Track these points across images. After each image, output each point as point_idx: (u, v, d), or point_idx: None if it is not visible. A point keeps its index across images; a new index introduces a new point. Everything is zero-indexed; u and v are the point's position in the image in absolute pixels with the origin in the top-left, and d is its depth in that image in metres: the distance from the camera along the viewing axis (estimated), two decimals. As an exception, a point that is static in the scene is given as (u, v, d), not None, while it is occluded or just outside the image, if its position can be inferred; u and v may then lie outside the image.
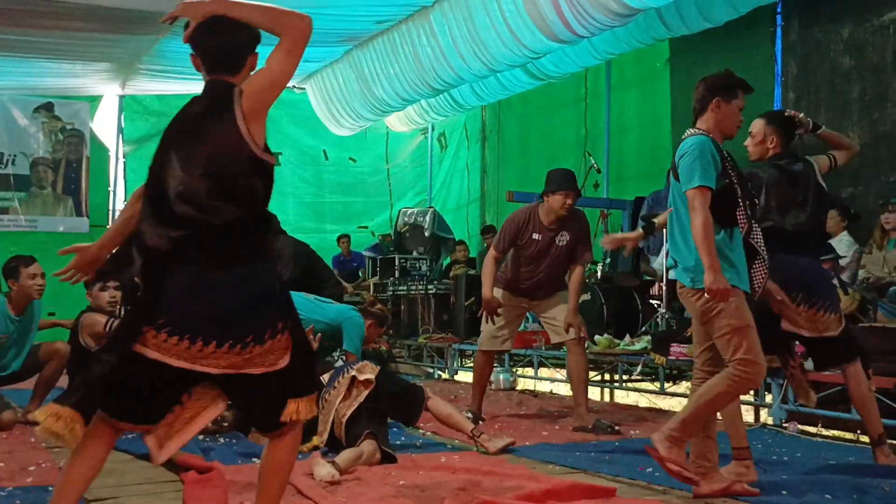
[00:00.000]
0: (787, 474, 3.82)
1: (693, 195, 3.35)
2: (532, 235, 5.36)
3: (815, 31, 7.64)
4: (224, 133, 2.35)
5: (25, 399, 5.59)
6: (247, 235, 2.37)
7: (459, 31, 7.99)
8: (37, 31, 8.23)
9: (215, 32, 2.45)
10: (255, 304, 2.35)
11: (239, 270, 2.35)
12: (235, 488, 3.43)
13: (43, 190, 10.95)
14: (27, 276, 5.23)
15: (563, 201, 5.27)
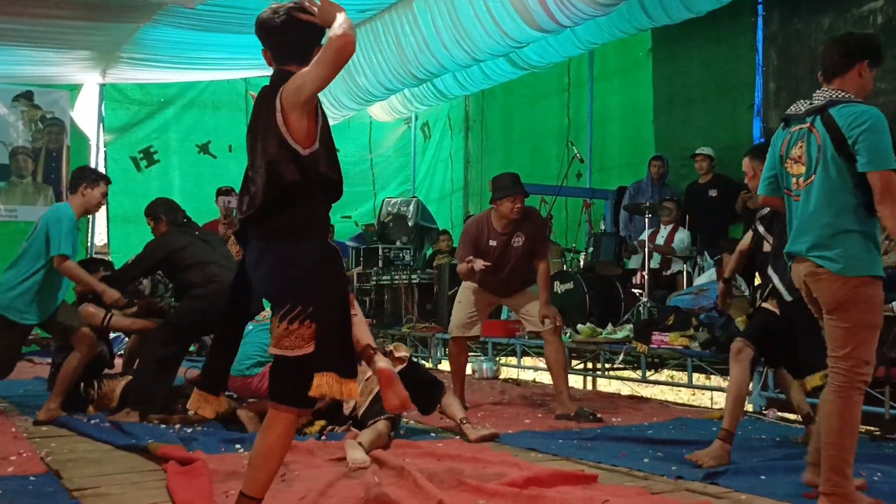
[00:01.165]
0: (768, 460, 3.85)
1: (890, 178, 2.91)
2: (488, 243, 5.41)
3: (796, 21, 7.68)
4: (269, 118, 2.61)
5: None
6: (279, 217, 2.62)
7: (443, 20, 7.97)
8: (16, 19, 8.12)
9: (292, 30, 2.67)
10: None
11: (279, 248, 2.62)
12: (219, 476, 3.42)
13: (23, 179, 10.84)
14: (101, 192, 5.13)
15: (511, 206, 5.30)
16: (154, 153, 11.30)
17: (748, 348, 4.05)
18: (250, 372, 4.56)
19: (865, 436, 4.62)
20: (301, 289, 2.59)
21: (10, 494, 3.20)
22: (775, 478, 3.49)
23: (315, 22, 2.61)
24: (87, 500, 3.13)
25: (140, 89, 11.32)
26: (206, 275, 5.13)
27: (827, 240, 2.99)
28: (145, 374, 5.05)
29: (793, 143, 3.19)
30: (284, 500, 3.09)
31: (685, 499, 3.19)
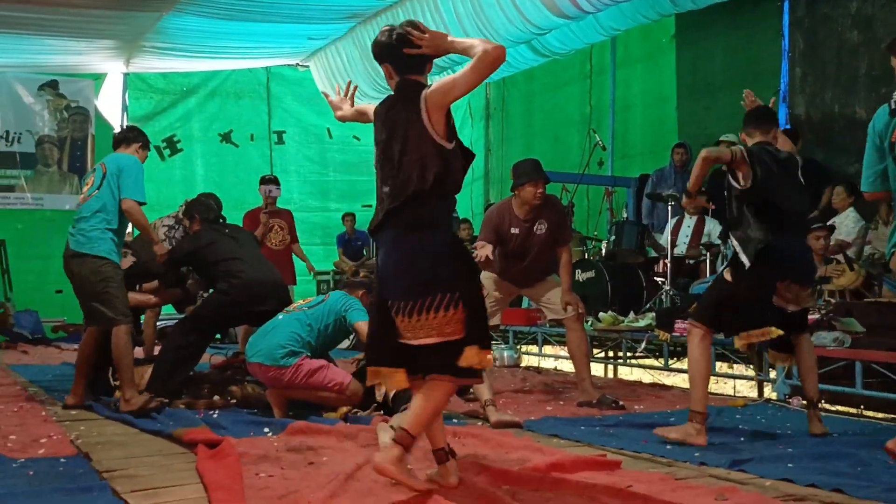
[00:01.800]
0: (793, 447, 3.83)
1: None
2: (510, 230, 5.33)
3: (823, 5, 7.59)
4: (410, 120, 2.94)
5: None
6: (421, 209, 2.91)
7: (464, 6, 7.95)
8: (41, 9, 8.19)
9: (408, 45, 3.00)
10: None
11: (413, 240, 2.91)
12: (250, 459, 3.45)
13: (48, 168, 10.95)
14: (144, 158, 5.23)
15: (533, 191, 5.23)
16: (177, 142, 11.38)
17: (696, 328, 4.10)
18: (285, 362, 4.57)
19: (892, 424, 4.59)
20: (443, 277, 2.85)
21: (41, 476, 3.25)
22: (801, 464, 3.47)
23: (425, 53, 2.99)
24: (116, 481, 3.17)
25: (163, 78, 11.39)
26: (229, 270, 5.23)
27: None
28: (164, 362, 5.12)
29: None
30: (314, 482, 3.12)
31: (709, 485, 3.18)
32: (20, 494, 2.93)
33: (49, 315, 10.22)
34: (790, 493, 3.06)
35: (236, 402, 5.02)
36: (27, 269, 10.42)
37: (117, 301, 4.77)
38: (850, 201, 6.74)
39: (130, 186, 4.86)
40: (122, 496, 2.96)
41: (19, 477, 3.22)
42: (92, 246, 4.78)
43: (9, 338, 9.68)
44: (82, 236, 4.82)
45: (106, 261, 4.80)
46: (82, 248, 4.81)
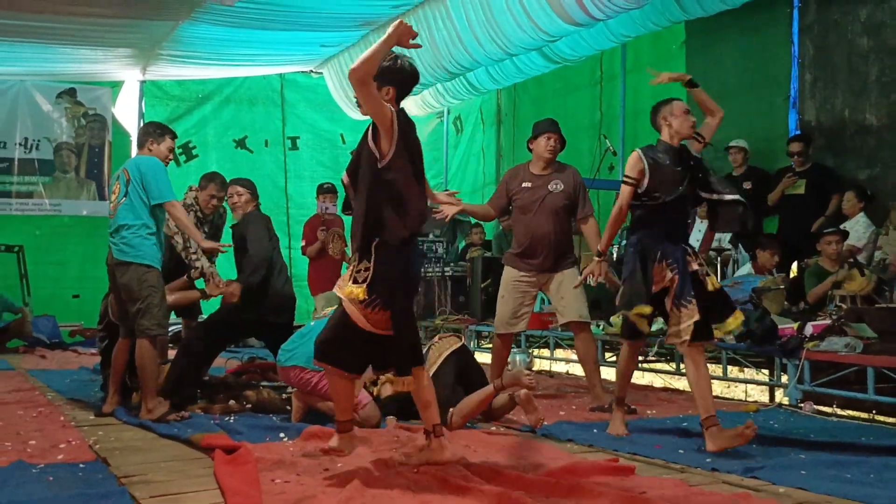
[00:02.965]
0: (805, 454, 3.81)
1: None
2: (522, 184, 5.37)
3: (833, 11, 7.55)
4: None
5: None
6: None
7: (475, 14, 7.94)
8: (58, 18, 8.24)
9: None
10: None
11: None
12: (267, 465, 3.46)
13: (66, 174, 11.00)
14: (167, 147, 5.07)
15: (545, 143, 5.32)
16: (193, 148, 11.42)
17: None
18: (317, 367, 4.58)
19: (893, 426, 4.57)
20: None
21: (60, 481, 3.26)
22: (815, 471, 3.44)
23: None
24: (135, 486, 3.18)
25: (179, 86, 11.44)
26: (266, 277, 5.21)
27: None
28: (177, 367, 5.10)
29: None
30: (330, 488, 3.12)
31: (723, 491, 3.17)
32: (40, 500, 2.94)
33: (66, 320, 10.25)
34: (804, 501, 3.04)
35: (252, 406, 5.02)
36: (45, 274, 10.46)
37: (157, 311, 4.74)
38: (860, 207, 6.70)
39: (158, 190, 4.81)
40: (139, 502, 2.96)
41: (39, 482, 3.23)
42: (136, 254, 4.75)
43: (27, 343, 9.72)
44: (125, 245, 4.78)
45: (151, 269, 4.77)
46: (126, 256, 4.77)
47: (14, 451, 3.79)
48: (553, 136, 5.32)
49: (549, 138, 5.31)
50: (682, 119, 4.26)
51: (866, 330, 5.20)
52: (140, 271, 4.74)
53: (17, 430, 4.33)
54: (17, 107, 10.73)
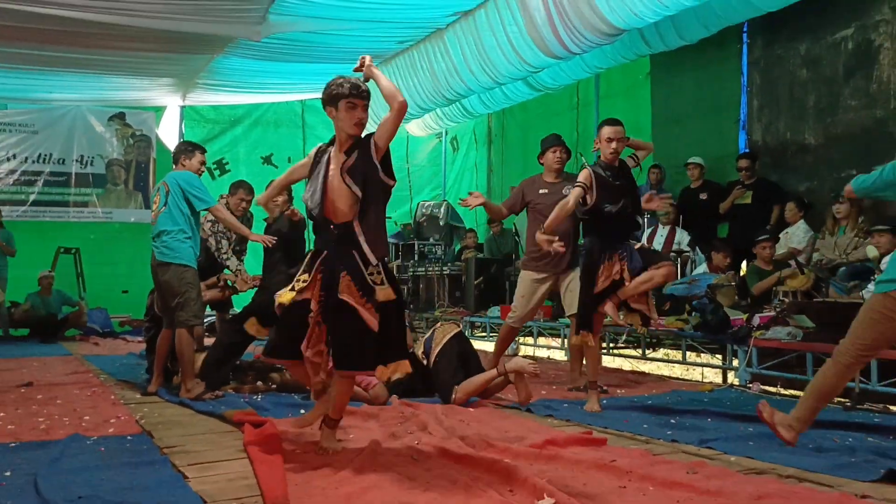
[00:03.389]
0: (753, 427, 3.80)
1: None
2: (539, 191, 5.30)
3: (777, 47, 7.56)
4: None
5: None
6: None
7: (469, 49, 7.95)
8: (112, 52, 8.23)
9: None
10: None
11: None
12: (289, 436, 3.46)
13: (117, 187, 11.01)
14: (198, 160, 5.03)
15: (553, 156, 5.29)
16: (226, 164, 11.41)
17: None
18: None
19: (838, 406, 4.56)
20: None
21: (111, 451, 3.25)
22: (761, 443, 3.44)
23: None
24: (175, 456, 3.18)
25: (214, 110, 11.43)
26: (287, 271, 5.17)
27: None
28: (215, 354, 5.09)
29: None
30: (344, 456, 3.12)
31: (682, 460, 3.16)
32: (94, 468, 2.93)
33: (117, 312, 10.25)
34: (752, 468, 3.04)
35: (276, 387, 5.01)
36: (98, 273, 10.46)
37: (194, 305, 4.72)
38: (800, 215, 6.70)
39: (202, 199, 4.80)
40: (180, 469, 2.96)
41: (92, 452, 3.23)
42: (175, 255, 4.74)
43: (82, 332, 9.71)
44: (165, 248, 4.77)
45: (188, 268, 4.76)
46: (166, 258, 4.76)
47: (71, 426, 3.78)
48: (558, 148, 5.32)
49: (555, 151, 5.30)
50: (604, 145, 4.36)
51: (806, 321, 5.20)
52: (179, 270, 4.73)
53: (74, 407, 4.32)
54: (74, 128, 10.74)
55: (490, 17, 7.50)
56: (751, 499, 2.54)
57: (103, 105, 10.81)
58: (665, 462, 3.11)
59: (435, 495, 2.58)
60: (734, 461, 3.16)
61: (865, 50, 6.72)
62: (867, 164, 6.62)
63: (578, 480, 2.81)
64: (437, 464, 3.00)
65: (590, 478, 2.85)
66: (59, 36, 7.48)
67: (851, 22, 6.84)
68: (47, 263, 10.02)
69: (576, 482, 2.78)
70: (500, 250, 10.33)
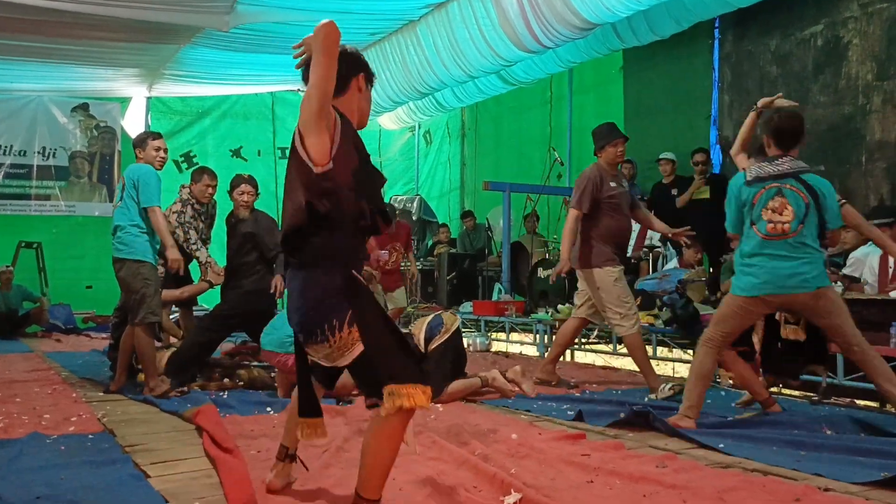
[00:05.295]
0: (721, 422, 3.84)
1: None
2: (610, 184, 4.87)
3: (747, 43, 7.65)
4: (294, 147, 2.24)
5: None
6: (304, 246, 2.21)
7: (442, 42, 7.94)
8: (76, 41, 8.09)
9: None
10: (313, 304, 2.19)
11: (303, 274, 2.22)
12: (253, 435, 3.42)
13: (80, 179, 10.82)
14: (152, 147, 4.83)
15: (614, 151, 4.85)
16: (193, 157, 11.28)
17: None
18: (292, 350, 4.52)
19: (805, 401, 4.64)
20: (328, 306, 2.16)
21: (71, 450, 3.20)
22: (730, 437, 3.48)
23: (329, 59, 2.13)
24: (138, 454, 3.13)
25: (181, 102, 11.29)
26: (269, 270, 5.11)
27: None
28: (187, 352, 5.03)
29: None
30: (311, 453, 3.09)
31: (651, 454, 3.20)
32: (53, 467, 2.88)
33: (80, 308, 10.09)
34: (718, 462, 3.08)
35: (244, 384, 4.97)
36: (61, 268, 10.29)
37: (150, 301, 4.62)
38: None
39: (145, 196, 4.67)
40: (142, 468, 2.92)
41: (52, 451, 3.17)
42: (130, 251, 4.65)
43: (44, 328, 9.55)
44: (120, 243, 4.69)
45: (143, 263, 4.65)
46: (121, 253, 4.68)
47: (30, 424, 3.71)
48: (619, 141, 4.87)
49: (615, 146, 4.85)
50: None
51: (774, 315, 5.27)
52: (134, 266, 4.64)
53: (34, 406, 4.24)
54: (36, 119, 10.54)
55: (463, 9, 7.50)
56: (716, 492, 2.57)
57: (66, 95, 10.62)
58: (636, 456, 3.14)
59: (399, 492, 2.58)
60: (702, 455, 3.20)
61: (834, 46, 6.83)
62: (836, 160, 6.75)
63: (547, 475, 2.83)
64: (405, 460, 3.00)
65: (558, 472, 2.87)
66: (20, 24, 7.33)
67: (820, 18, 6.95)
68: (7, 258, 9.83)
69: (544, 477, 2.80)
70: (473, 245, 10.35)
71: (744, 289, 3.66)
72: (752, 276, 3.64)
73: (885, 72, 6.42)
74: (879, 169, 6.45)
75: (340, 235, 2.19)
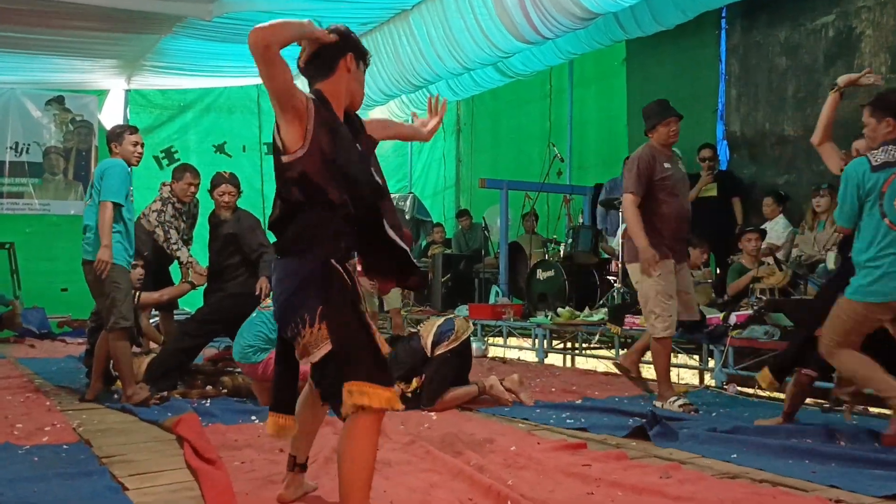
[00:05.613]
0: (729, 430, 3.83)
1: None
2: (664, 165, 4.64)
3: (755, 33, 7.67)
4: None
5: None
6: (283, 233, 2.33)
7: (436, 32, 7.93)
8: (50, 30, 8.06)
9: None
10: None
11: (282, 263, 2.33)
12: (237, 446, 3.42)
13: (55, 176, 10.79)
14: (129, 142, 4.73)
15: (667, 131, 4.65)
16: (175, 153, 11.25)
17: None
18: (256, 358, 4.50)
19: (816, 408, 4.66)
20: (301, 297, 2.24)
21: (45, 461, 3.19)
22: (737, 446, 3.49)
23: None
24: (115, 466, 3.12)
25: (162, 95, 11.26)
26: (251, 275, 5.10)
27: None
28: (168, 358, 5.01)
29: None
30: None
31: (655, 464, 3.20)
32: (25, 479, 2.87)
33: (55, 311, 10.05)
34: (725, 472, 3.08)
35: (227, 391, 4.96)
36: (35, 269, 10.24)
37: (122, 305, 4.57)
38: (779, 210, 6.81)
39: (106, 188, 4.55)
40: (119, 480, 2.91)
41: (24, 463, 3.16)
42: (96, 252, 4.58)
43: (17, 333, 9.50)
44: (87, 245, 4.64)
45: (113, 266, 4.55)
46: (88, 255, 4.62)
47: (2, 434, 3.70)
48: (671, 120, 4.65)
49: (667, 125, 4.64)
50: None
51: (783, 319, 5.30)
52: None
53: (6, 415, 4.23)
54: (7, 113, 10.50)
55: (458, -2, 7.49)
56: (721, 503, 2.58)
57: (40, 88, 10.58)
58: (639, 466, 3.15)
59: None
60: (708, 464, 3.21)
61: (846, 37, 6.86)
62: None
63: (545, 487, 2.83)
64: (397, 472, 3.00)
65: (558, 484, 2.87)
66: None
67: (832, 8, 6.97)
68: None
69: (542, 489, 2.80)
70: (469, 246, 10.35)
71: (871, 293, 3.39)
72: (883, 279, 3.36)
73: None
74: (893, 166, 6.47)
75: (317, 223, 2.26)
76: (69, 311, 9.93)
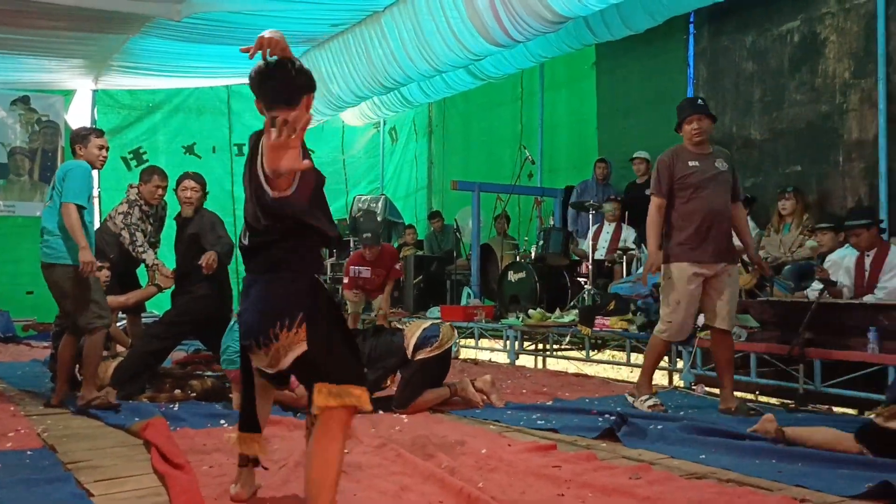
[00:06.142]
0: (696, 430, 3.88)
1: None
2: (688, 163, 4.52)
3: (723, 38, 7.78)
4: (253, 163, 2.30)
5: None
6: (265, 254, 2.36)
7: (408, 34, 7.93)
8: (14, 29, 7.91)
9: (275, 78, 2.28)
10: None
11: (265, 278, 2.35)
12: (206, 450, 3.37)
13: (20, 177, 10.59)
14: (95, 145, 4.61)
15: (689, 129, 4.55)
16: (143, 154, 11.11)
17: None
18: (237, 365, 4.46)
19: (782, 408, 4.72)
20: (286, 305, 2.26)
21: (8, 468, 3.11)
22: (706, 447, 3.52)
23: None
24: (81, 472, 3.06)
25: (130, 95, 11.11)
26: (223, 274, 5.04)
27: None
28: (135, 361, 4.94)
29: None
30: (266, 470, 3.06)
31: (625, 464, 3.22)
32: (-14, 487, 2.80)
33: (20, 315, 9.87)
34: (693, 472, 3.11)
35: (196, 395, 4.89)
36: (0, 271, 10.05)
37: (94, 306, 4.47)
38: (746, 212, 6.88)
39: (68, 190, 4.44)
40: (85, 486, 2.85)
41: (-14, 470, 3.09)
42: (58, 255, 4.48)
43: (-20, 337, 9.32)
44: (47, 247, 4.53)
45: (73, 267, 4.45)
46: (49, 258, 4.51)
47: (-37, 441, 3.61)
48: (695, 118, 4.53)
49: (690, 122, 4.54)
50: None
51: (750, 320, 5.36)
52: (66, 271, 4.47)
53: (-33, 421, 4.13)
54: (-29, 113, 10.28)
55: (430, 0, 7.49)
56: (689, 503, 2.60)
57: (5, 88, 10.38)
58: (608, 467, 3.16)
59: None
60: (677, 465, 3.23)
61: (811, 43, 6.98)
62: (812, 160, 6.89)
63: (516, 489, 2.83)
64: (368, 474, 2.98)
65: (528, 486, 2.88)
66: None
67: (797, 14, 7.09)
68: (-60, 262, 9.58)
69: (513, 491, 2.80)
70: (441, 247, 10.36)
71: None
72: None
73: (862, 69, 6.57)
74: (857, 169, 6.60)
75: (310, 246, 2.35)
76: (34, 315, 9.77)
